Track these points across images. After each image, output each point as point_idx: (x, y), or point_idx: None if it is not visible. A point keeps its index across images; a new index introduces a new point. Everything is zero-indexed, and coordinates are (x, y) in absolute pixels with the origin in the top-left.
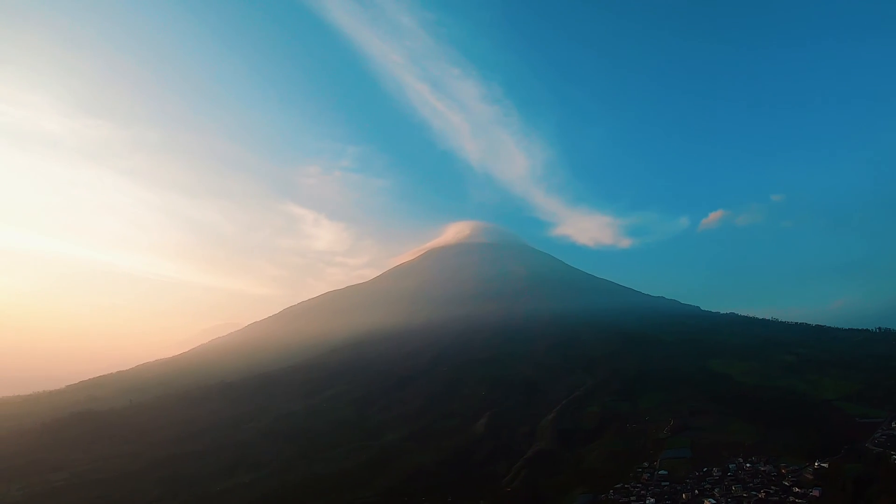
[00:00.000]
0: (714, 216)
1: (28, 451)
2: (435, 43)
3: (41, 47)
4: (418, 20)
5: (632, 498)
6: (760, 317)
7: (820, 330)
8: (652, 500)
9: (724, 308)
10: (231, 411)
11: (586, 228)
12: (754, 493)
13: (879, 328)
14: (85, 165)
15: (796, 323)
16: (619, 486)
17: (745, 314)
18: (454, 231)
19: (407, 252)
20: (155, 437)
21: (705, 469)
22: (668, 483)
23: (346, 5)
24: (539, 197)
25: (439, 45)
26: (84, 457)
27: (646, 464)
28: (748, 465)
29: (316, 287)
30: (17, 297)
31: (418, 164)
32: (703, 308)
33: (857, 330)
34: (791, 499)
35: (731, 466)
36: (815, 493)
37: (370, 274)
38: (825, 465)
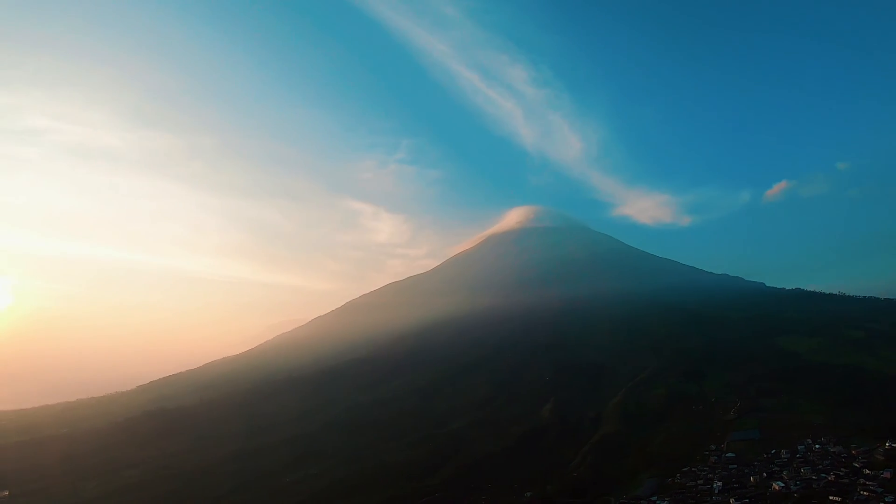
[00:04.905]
0: (778, 188)
1: (103, 449)
2: (480, 30)
3: (95, 66)
4: (462, 9)
5: (699, 481)
6: (827, 291)
7: (890, 304)
8: (719, 483)
9: (789, 284)
10: (298, 405)
11: (646, 208)
12: (824, 475)
13: None
14: (146, 175)
15: (865, 297)
16: (686, 469)
17: (812, 289)
18: (513, 217)
19: (466, 240)
20: (225, 432)
21: (773, 451)
22: (735, 466)
23: (390, 1)
24: (596, 178)
25: (485, 33)
26: (157, 453)
27: (713, 446)
28: (817, 446)
29: (377, 279)
30: (90, 305)
31: (473, 152)
32: (767, 284)
33: None
34: (861, 481)
35: (800, 448)
36: (887, 474)
37: (431, 264)
38: None
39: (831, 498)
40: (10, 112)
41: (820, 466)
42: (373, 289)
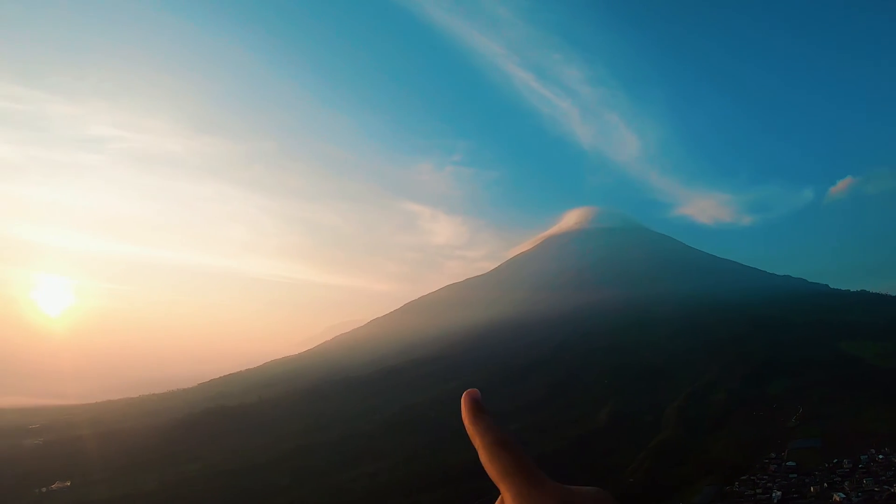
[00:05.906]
0: (842, 184)
1: (163, 444)
2: (534, 30)
3: (155, 75)
4: (514, 9)
5: (757, 490)
6: (894, 294)
7: None
8: (778, 493)
9: (854, 286)
10: (356, 404)
11: (705, 207)
12: (886, 486)
13: None
14: (207, 180)
15: None
16: (744, 477)
17: (878, 291)
18: (571, 218)
19: (525, 242)
20: (283, 430)
21: (836, 460)
22: (795, 475)
23: (441, 3)
24: (655, 177)
25: (538, 32)
26: (216, 449)
27: (773, 454)
28: (881, 456)
29: (435, 281)
30: (152, 306)
31: (530, 153)
32: (831, 286)
33: None
34: None
35: (862, 458)
36: None
37: (489, 266)
38: None
39: None
40: (75, 122)
41: (883, 477)
42: (431, 290)
